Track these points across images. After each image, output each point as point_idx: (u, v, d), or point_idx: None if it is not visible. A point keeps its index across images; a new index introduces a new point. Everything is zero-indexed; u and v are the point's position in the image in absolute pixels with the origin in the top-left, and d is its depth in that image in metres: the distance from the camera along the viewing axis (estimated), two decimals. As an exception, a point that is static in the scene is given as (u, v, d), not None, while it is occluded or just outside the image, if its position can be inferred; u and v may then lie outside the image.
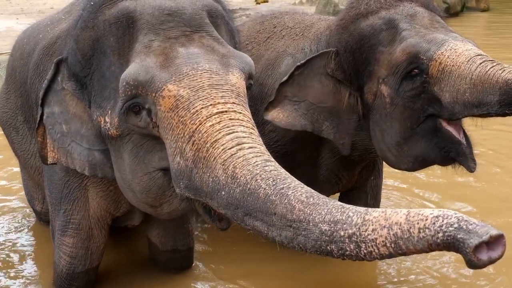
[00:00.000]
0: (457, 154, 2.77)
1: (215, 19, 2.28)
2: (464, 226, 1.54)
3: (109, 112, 2.19)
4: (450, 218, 1.57)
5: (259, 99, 3.22)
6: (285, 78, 2.97)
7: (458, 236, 1.54)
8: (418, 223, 1.60)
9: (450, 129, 2.76)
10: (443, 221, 1.57)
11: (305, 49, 3.17)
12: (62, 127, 2.41)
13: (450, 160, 2.83)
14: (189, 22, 2.18)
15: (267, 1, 13.41)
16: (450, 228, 1.55)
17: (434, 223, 1.57)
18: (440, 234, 1.56)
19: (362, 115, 2.95)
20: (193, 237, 3.26)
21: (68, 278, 2.92)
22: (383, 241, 1.64)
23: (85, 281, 2.96)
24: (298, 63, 2.97)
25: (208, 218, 2.14)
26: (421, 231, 1.59)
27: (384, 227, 1.63)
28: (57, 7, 7.08)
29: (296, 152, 3.18)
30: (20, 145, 3.18)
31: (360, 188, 3.54)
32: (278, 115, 3.01)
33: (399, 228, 1.62)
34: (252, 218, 1.83)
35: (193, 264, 3.33)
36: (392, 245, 1.63)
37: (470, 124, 2.87)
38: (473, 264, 1.55)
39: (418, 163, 2.88)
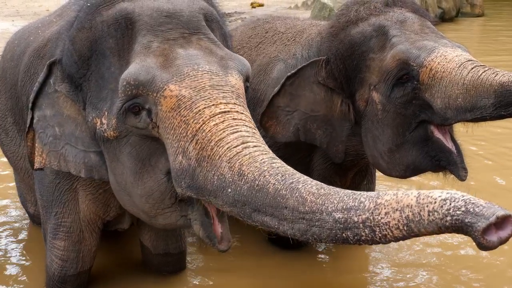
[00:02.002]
0: (448, 163, 2.78)
1: (210, 22, 2.30)
2: (471, 209, 1.53)
3: (106, 113, 2.19)
4: (457, 201, 1.56)
5: (251, 104, 3.22)
6: (276, 89, 2.98)
7: (466, 220, 1.53)
8: (427, 206, 1.60)
9: (441, 138, 2.77)
10: (450, 204, 1.56)
11: (297, 54, 3.17)
12: (54, 130, 2.40)
13: (441, 169, 2.84)
14: (187, 24, 2.19)
15: (262, 5, 13.41)
16: (458, 212, 1.54)
17: (442, 206, 1.57)
18: (448, 218, 1.56)
19: (354, 122, 2.96)
20: (185, 241, 3.26)
21: (60, 281, 2.92)
22: (396, 224, 1.64)
23: (77, 284, 2.95)
24: (289, 73, 2.97)
25: (209, 241, 2.15)
26: (430, 214, 1.59)
27: (396, 210, 1.64)
28: (52, 9, 7.07)
29: (288, 157, 3.15)
30: (9, 147, 3.18)
31: None
32: (275, 129, 3.03)
33: (410, 211, 1.62)
34: (261, 214, 1.83)
35: (186, 267, 3.33)
36: (405, 227, 1.63)
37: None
38: (483, 246, 1.54)
39: (410, 171, 2.88)
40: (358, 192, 1.75)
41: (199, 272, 3.37)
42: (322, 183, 1.81)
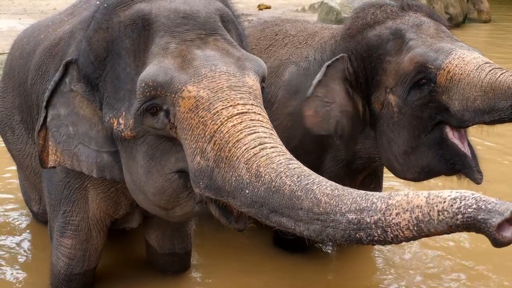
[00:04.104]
0: (463, 167, 2.79)
1: (227, 23, 2.31)
2: (483, 206, 1.54)
3: (124, 113, 2.19)
4: (468, 199, 1.56)
5: None
6: (318, 76, 2.90)
7: (479, 217, 1.53)
8: (437, 206, 1.60)
9: (456, 141, 2.77)
10: (460, 202, 1.56)
11: (309, 57, 3.18)
12: (68, 129, 2.41)
13: (456, 172, 2.84)
14: (204, 25, 2.20)
15: (269, 8, 13.42)
16: (469, 210, 1.54)
17: (452, 205, 1.57)
18: (459, 216, 1.56)
19: (368, 124, 2.96)
20: (191, 241, 3.26)
21: (66, 279, 2.92)
22: (406, 225, 1.64)
23: (83, 282, 2.96)
24: (327, 63, 2.91)
25: (225, 220, 2.14)
26: (440, 213, 1.59)
27: (407, 210, 1.64)
28: (60, 7, 7.09)
29: (298, 160, 3.16)
30: (15, 145, 3.17)
31: None
32: (313, 120, 2.94)
33: (420, 211, 1.62)
34: (278, 215, 1.84)
35: (190, 268, 3.33)
36: (415, 228, 1.64)
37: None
38: (498, 242, 1.53)
39: (424, 174, 2.89)
40: (371, 193, 1.76)
41: (204, 273, 3.38)
42: (337, 184, 1.82)
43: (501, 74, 2.59)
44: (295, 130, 3.15)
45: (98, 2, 2.38)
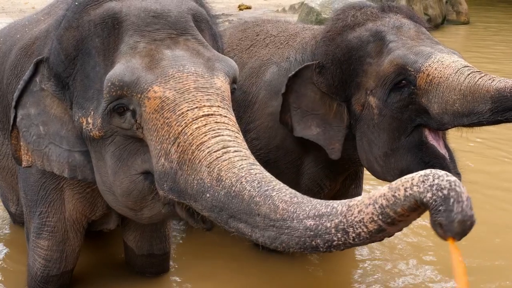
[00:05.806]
0: (441, 169, 2.79)
1: (200, 23, 2.29)
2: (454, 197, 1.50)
3: (92, 113, 2.17)
4: (442, 180, 1.53)
5: (242, 107, 3.22)
6: (283, 90, 3.00)
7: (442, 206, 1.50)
8: (403, 185, 1.57)
9: (435, 144, 2.79)
10: (433, 181, 1.54)
11: (290, 58, 3.18)
12: (39, 128, 2.38)
13: None
14: (175, 25, 2.19)
15: (250, 8, 13.41)
16: (440, 193, 1.51)
17: (423, 182, 1.54)
18: (428, 194, 1.52)
19: (349, 126, 2.97)
20: (170, 242, 3.25)
21: (43, 281, 2.89)
22: (370, 218, 1.63)
23: (60, 284, 2.93)
24: (290, 74, 2.98)
25: (192, 221, 2.12)
26: (407, 190, 1.56)
27: (369, 204, 1.63)
28: (38, 7, 7.02)
29: (279, 160, 3.18)
30: None
31: (341, 197, 3.54)
32: (291, 124, 3.04)
33: (384, 198, 1.60)
34: (236, 220, 1.83)
35: (169, 270, 3.31)
36: (380, 216, 1.61)
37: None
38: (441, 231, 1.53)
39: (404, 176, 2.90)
40: (332, 201, 1.74)
41: (182, 274, 3.35)
42: (297, 192, 1.81)
43: (479, 78, 2.61)
44: (276, 130, 3.16)
45: (71, 0, 2.36)
